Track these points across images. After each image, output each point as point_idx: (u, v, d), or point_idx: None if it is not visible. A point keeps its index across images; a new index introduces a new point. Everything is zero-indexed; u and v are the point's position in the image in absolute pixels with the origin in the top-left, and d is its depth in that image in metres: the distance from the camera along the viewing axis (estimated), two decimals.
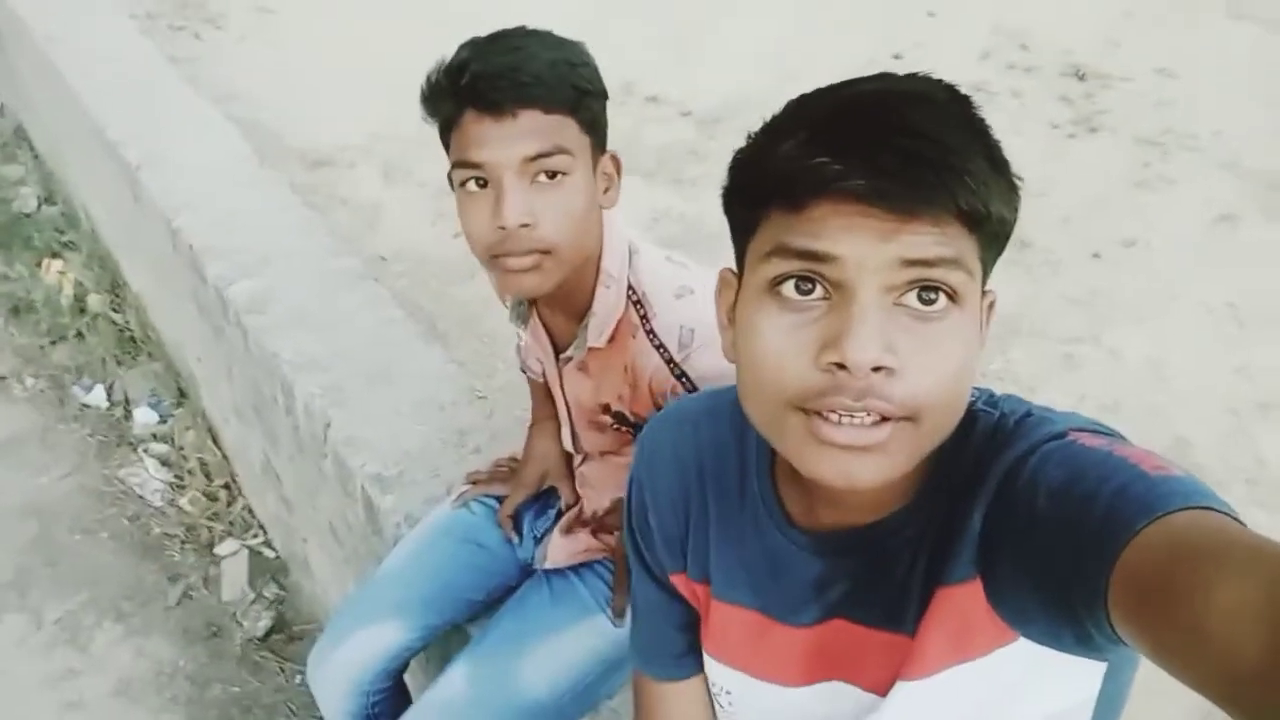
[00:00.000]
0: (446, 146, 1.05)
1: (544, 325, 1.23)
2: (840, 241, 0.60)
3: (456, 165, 1.02)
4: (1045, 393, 2.18)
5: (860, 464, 0.62)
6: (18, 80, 4.01)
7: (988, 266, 0.65)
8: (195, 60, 3.34)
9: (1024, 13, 3.57)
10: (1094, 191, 2.79)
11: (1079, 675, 0.69)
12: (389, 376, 1.86)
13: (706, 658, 0.85)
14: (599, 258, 1.11)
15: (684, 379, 1.08)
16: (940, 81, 0.65)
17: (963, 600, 0.67)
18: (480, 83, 0.99)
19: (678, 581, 0.86)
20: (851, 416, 0.61)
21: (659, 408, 1.12)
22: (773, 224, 0.64)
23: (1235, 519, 0.56)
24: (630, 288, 1.12)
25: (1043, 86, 3.26)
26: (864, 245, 0.60)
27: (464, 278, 2.34)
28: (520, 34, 1.05)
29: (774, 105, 0.67)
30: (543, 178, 1.01)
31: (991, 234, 0.63)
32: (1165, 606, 0.51)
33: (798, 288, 0.62)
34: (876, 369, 0.60)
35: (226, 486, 2.60)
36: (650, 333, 1.09)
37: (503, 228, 1.00)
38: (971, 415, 0.69)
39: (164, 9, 3.75)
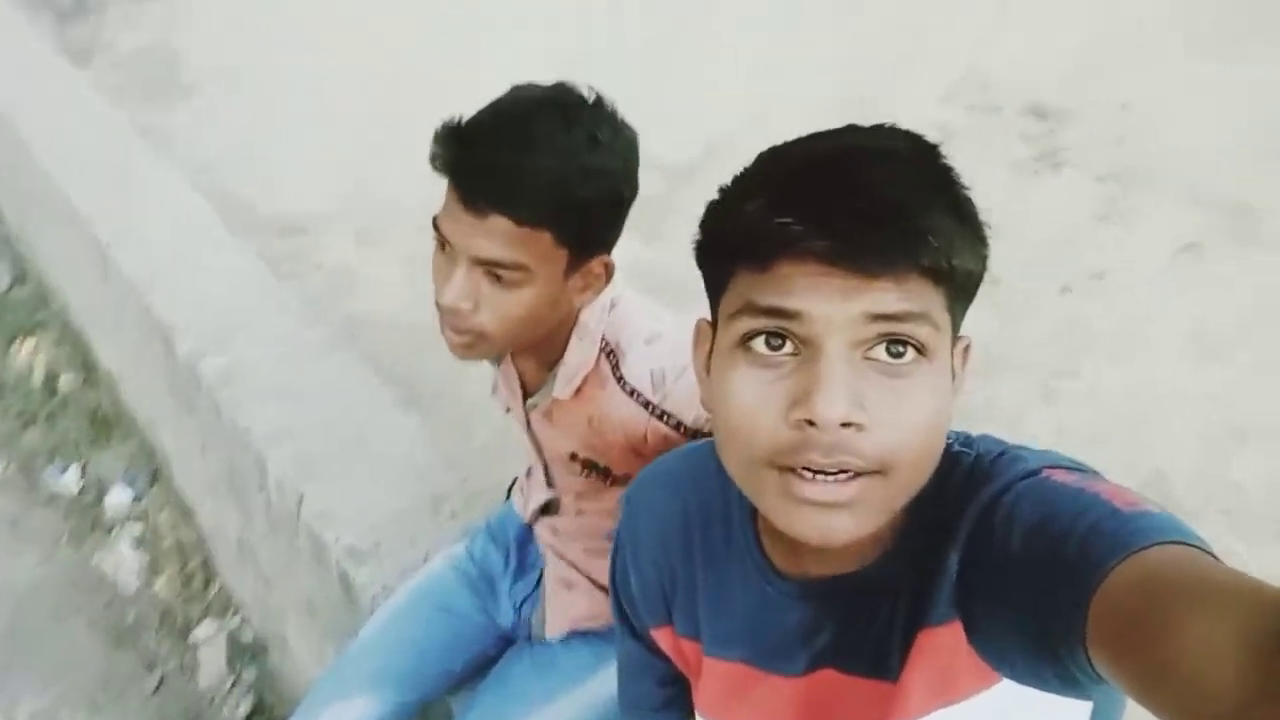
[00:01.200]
0: None
1: (515, 367, 1.23)
2: (806, 299, 0.61)
3: (434, 220, 1.03)
4: (1027, 427, 2.18)
5: (836, 520, 0.62)
6: None
7: (957, 317, 0.66)
8: (166, 131, 3.35)
9: (987, 53, 3.63)
10: (1060, 227, 2.82)
11: (1063, 716, 0.68)
12: (363, 445, 1.83)
13: (699, 718, 0.85)
14: (578, 310, 1.11)
15: (666, 418, 1.07)
16: (905, 133, 0.66)
17: (944, 641, 0.67)
18: (462, 170, 0.99)
19: (659, 636, 0.86)
20: (825, 474, 0.61)
21: (637, 451, 1.11)
22: (741, 281, 0.64)
23: (1210, 554, 0.56)
24: (604, 339, 1.11)
25: (1005, 125, 3.31)
26: (829, 302, 0.60)
27: (441, 343, 2.33)
28: (540, 118, 0.98)
29: (745, 154, 0.68)
30: (492, 279, 1.01)
31: (958, 287, 0.63)
32: (1141, 643, 0.50)
33: (768, 343, 0.63)
34: (845, 425, 0.60)
35: (203, 565, 2.55)
36: (620, 380, 1.09)
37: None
38: (951, 458, 0.69)
39: (133, 80, 3.78)
